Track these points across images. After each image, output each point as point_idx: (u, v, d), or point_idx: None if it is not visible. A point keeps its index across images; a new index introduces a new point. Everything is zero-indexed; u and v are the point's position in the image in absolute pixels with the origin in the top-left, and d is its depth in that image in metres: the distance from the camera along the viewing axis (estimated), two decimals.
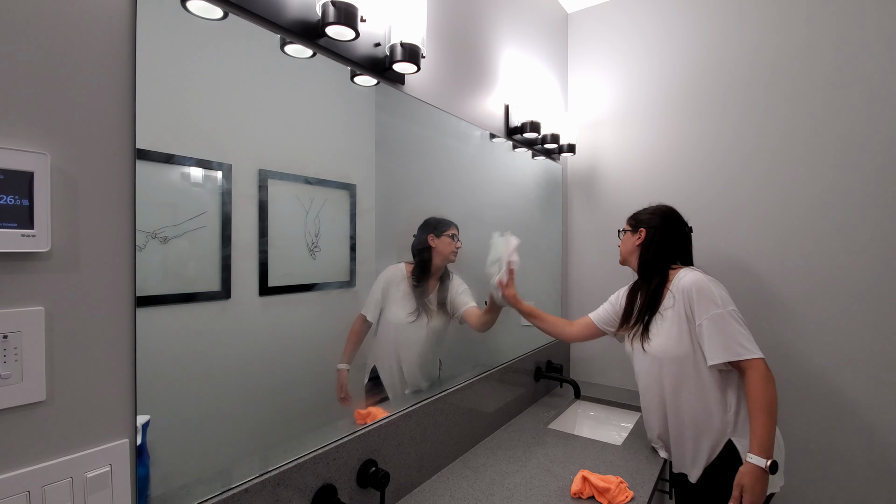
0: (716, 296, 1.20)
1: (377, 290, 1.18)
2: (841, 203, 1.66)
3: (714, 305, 1.19)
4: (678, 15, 1.98)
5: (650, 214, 1.41)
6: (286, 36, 0.93)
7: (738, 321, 1.18)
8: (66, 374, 0.62)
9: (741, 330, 1.18)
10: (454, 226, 1.40)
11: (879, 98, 1.60)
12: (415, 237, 1.32)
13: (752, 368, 1.14)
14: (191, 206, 0.77)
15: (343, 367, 1.10)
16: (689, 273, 1.28)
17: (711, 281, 1.25)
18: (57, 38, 0.61)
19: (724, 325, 1.17)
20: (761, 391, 1.12)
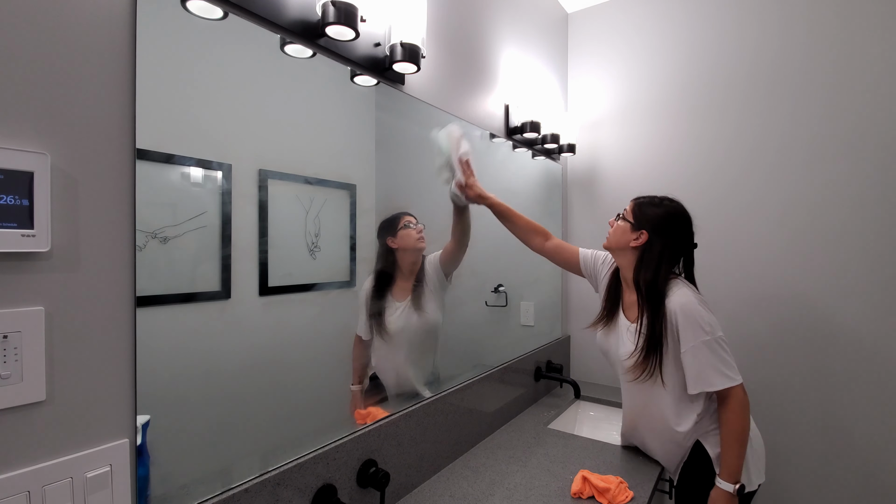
0: (704, 321, 1.14)
1: (361, 308, 1.14)
2: (843, 202, 1.66)
3: (702, 332, 1.13)
4: (678, 15, 1.98)
5: (659, 216, 1.23)
6: (286, 36, 0.93)
7: (721, 347, 1.14)
8: (66, 374, 0.62)
9: (724, 357, 1.14)
10: (404, 214, 1.25)
11: (880, 96, 1.60)
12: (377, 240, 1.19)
13: (731, 397, 1.13)
14: (191, 205, 0.77)
15: (356, 388, 1.12)
16: (678, 290, 1.19)
17: (701, 302, 1.18)
18: (57, 38, 0.61)
19: (707, 354, 1.13)
20: (737, 421, 1.12)
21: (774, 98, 1.78)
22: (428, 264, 1.34)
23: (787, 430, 1.74)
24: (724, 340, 1.16)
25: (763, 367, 1.79)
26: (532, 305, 1.96)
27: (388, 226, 1.23)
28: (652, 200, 1.28)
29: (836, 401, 1.67)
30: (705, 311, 1.17)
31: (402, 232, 1.24)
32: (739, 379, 1.14)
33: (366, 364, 1.15)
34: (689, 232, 1.26)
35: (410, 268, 1.28)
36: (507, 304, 1.80)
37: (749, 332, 1.81)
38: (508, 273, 1.80)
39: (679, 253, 1.26)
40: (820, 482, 1.69)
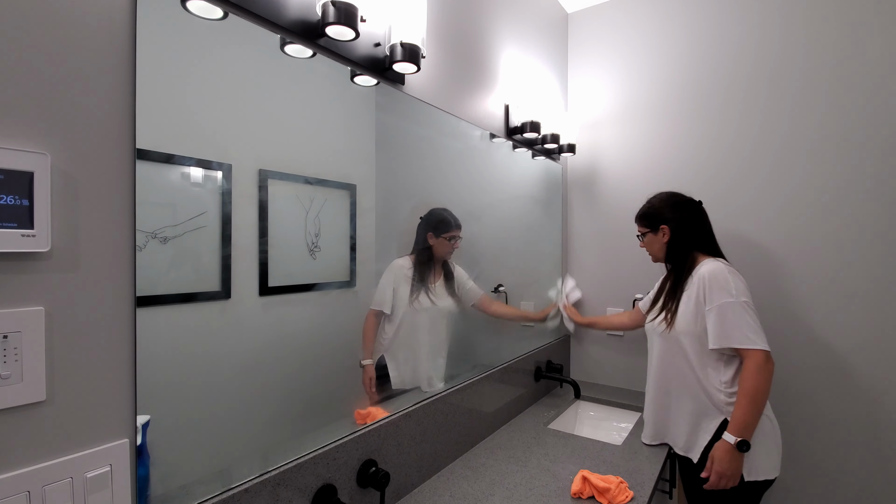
0: (730, 285, 1.24)
1: (387, 284, 1.20)
2: (843, 201, 1.66)
3: (727, 294, 1.23)
4: (678, 14, 1.98)
5: (662, 208, 1.44)
6: (286, 36, 0.93)
7: (747, 312, 1.21)
8: (66, 374, 0.62)
9: (748, 321, 1.21)
10: (455, 227, 1.41)
11: (881, 96, 1.60)
12: (419, 224, 1.32)
13: (749, 358, 1.19)
14: (191, 206, 0.77)
15: (368, 362, 1.15)
16: (710, 262, 1.33)
17: (730, 272, 1.28)
18: (57, 38, 0.61)
19: (731, 314, 1.21)
20: (751, 379, 1.17)
21: (774, 97, 1.78)
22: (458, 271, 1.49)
23: (786, 430, 1.74)
24: (749, 306, 1.22)
25: None
26: (532, 305, 1.96)
27: (437, 225, 1.36)
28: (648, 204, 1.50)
29: (836, 401, 1.67)
30: (733, 277, 1.27)
31: (443, 240, 1.38)
32: (762, 344, 1.18)
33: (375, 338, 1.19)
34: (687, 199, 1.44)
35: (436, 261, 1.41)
36: (507, 304, 1.80)
37: None
38: (508, 273, 1.80)
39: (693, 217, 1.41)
40: (821, 480, 1.69)
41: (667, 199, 1.45)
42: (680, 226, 1.40)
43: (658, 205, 1.46)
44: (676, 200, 1.44)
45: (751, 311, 1.23)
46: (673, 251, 1.42)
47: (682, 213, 1.42)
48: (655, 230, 1.44)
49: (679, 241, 1.40)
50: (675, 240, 1.41)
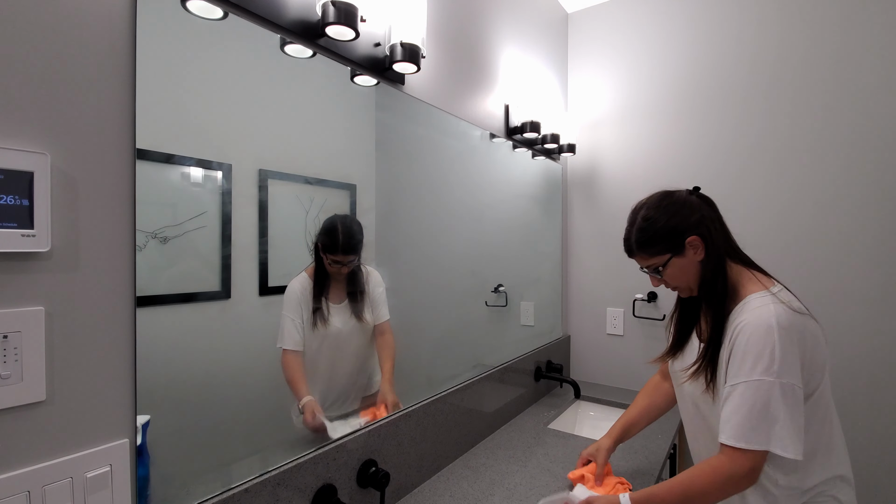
0: (774, 356, 0.82)
1: (292, 310, 0.97)
2: (844, 203, 1.66)
3: (762, 369, 0.83)
4: (678, 14, 1.98)
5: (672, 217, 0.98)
6: (286, 36, 0.93)
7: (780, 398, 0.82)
8: (66, 374, 0.62)
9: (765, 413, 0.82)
10: (341, 253, 1.06)
11: (880, 96, 1.60)
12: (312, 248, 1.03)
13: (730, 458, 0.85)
14: (191, 206, 0.77)
15: (307, 399, 0.97)
16: (763, 300, 0.89)
17: (782, 327, 0.84)
18: (57, 38, 0.61)
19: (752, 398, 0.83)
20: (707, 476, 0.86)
21: (774, 97, 1.78)
22: (374, 281, 1.17)
23: None
24: (789, 389, 0.83)
25: None
26: (532, 305, 1.96)
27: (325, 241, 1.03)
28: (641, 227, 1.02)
29: (836, 401, 1.67)
30: (783, 341, 0.83)
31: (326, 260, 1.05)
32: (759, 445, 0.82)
33: (303, 373, 0.98)
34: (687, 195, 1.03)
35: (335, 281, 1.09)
36: (507, 304, 1.80)
37: None
38: (508, 273, 1.80)
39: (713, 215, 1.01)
40: None
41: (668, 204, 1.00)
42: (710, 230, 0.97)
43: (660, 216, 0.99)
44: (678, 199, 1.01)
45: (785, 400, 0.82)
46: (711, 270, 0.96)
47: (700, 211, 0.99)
48: (680, 250, 0.97)
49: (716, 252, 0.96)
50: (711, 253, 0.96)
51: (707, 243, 0.97)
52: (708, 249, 0.97)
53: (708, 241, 0.97)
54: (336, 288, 1.08)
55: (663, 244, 0.98)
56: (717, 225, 0.99)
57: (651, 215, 1.01)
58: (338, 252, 1.05)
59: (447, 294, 1.45)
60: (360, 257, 1.12)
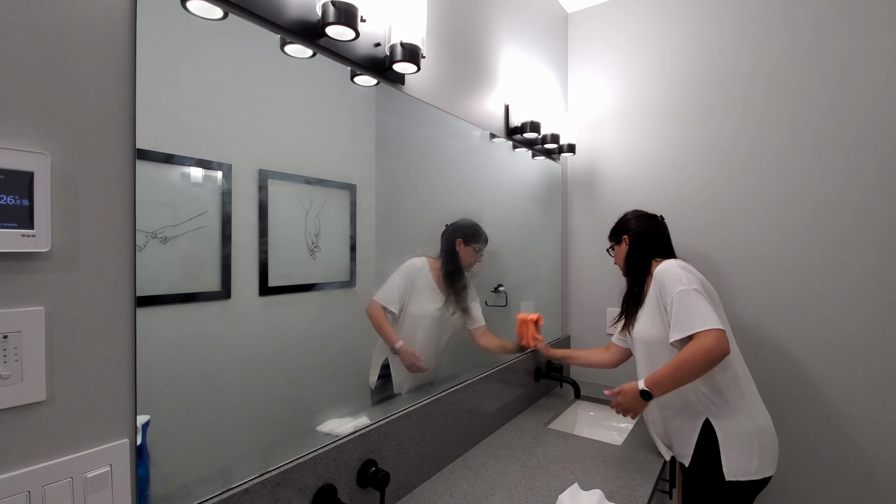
0: (682, 275, 1.25)
1: (400, 281, 1.19)
2: (842, 203, 1.66)
3: (679, 284, 1.23)
4: (678, 14, 1.98)
5: (624, 222, 1.52)
6: (286, 36, 0.93)
7: (699, 298, 1.20)
8: (66, 374, 0.62)
9: (699, 307, 1.19)
10: (484, 241, 1.46)
11: (881, 97, 1.60)
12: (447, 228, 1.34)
13: (696, 337, 1.16)
14: (191, 206, 0.77)
15: (401, 343, 1.18)
16: (664, 262, 1.34)
17: (681, 266, 1.29)
18: (57, 38, 0.61)
19: (682, 303, 1.21)
20: (686, 352, 1.16)
21: (774, 97, 1.78)
22: (472, 290, 1.51)
23: (787, 429, 1.74)
24: (699, 293, 1.21)
25: (763, 365, 1.79)
26: (532, 305, 1.96)
27: (471, 234, 1.41)
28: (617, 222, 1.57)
29: (836, 400, 1.67)
30: (684, 271, 1.28)
31: (470, 250, 1.42)
32: (709, 325, 1.15)
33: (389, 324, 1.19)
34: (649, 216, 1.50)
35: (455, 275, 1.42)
36: (507, 304, 1.80)
37: (748, 331, 1.81)
38: (508, 273, 1.80)
39: (651, 229, 1.46)
40: (820, 480, 1.69)
41: (631, 213, 1.54)
42: (636, 235, 1.46)
43: (623, 219, 1.54)
44: (638, 214, 1.52)
45: (703, 297, 1.21)
46: (633, 259, 1.45)
47: (642, 223, 1.48)
48: (619, 241, 1.51)
49: (638, 248, 1.44)
50: (634, 248, 1.45)
51: (632, 241, 1.47)
52: (632, 245, 1.47)
53: (631, 242, 1.47)
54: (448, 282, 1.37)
55: (613, 235, 1.56)
56: (649, 233, 1.46)
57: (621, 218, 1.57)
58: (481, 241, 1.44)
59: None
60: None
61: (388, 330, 1.15)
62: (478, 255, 1.41)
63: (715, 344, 1.13)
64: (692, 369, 1.15)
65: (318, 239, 1.01)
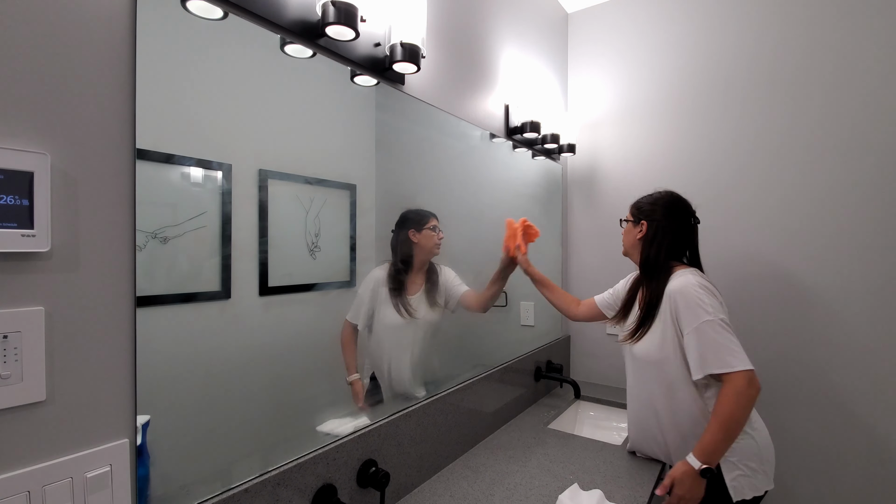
0: (704, 300, 1.14)
1: (365, 293, 1.14)
2: (841, 202, 1.66)
3: (703, 313, 1.12)
4: (678, 15, 1.98)
5: (652, 204, 1.33)
6: (286, 36, 0.93)
7: (725, 329, 1.11)
8: (66, 374, 0.62)
9: (724, 342, 1.10)
10: (434, 216, 1.34)
11: (879, 96, 1.60)
12: (393, 233, 1.23)
13: (728, 383, 1.08)
14: (191, 206, 0.77)
15: (354, 377, 1.10)
16: (682, 275, 1.21)
17: (702, 286, 1.17)
18: (57, 38, 0.61)
19: (707, 336, 1.11)
20: (728, 405, 1.07)
21: (774, 97, 1.78)
22: (445, 274, 1.42)
23: (787, 428, 1.74)
24: (726, 324, 1.12)
25: (764, 364, 1.79)
26: (532, 305, 1.96)
27: (417, 219, 1.29)
28: (645, 196, 1.38)
29: (836, 400, 1.67)
30: (706, 294, 1.16)
31: (427, 232, 1.31)
32: (742, 366, 1.07)
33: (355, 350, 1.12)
34: (683, 212, 1.32)
35: (420, 266, 1.33)
36: (507, 304, 1.80)
37: (749, 330, 1.81)
38: None
39: (678, 232, 1.30)
40: (820, 483, 1.69)
41: (662, 197, 1.34)
42: (660, 228, 1.29)
43: (652, 198, 1.35)
44: (672, 204, 1.32)
45: (728, 329, 1.12)
46: (647, 253, 1.30)
47: (673, 218, 1.30)
48: (636, 222, 1.35)
49: (654, 243, 1.28)
50: (650, 240, 1.29)
51: (648, 233, 1.31)
52: (647, 236, 1.31)
53: (651, 232, 1.31)
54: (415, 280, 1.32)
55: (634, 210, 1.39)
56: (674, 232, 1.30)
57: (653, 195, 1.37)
58: (430, 218, 1.33)
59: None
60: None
61: (348, 358, 1.10)
62: (437, 234, 1.32)
63: (751, 387, 1.06)
64: (741, 421, 1.07)
65: (318, 239, 1.01)
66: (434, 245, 1.33)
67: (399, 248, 1.25)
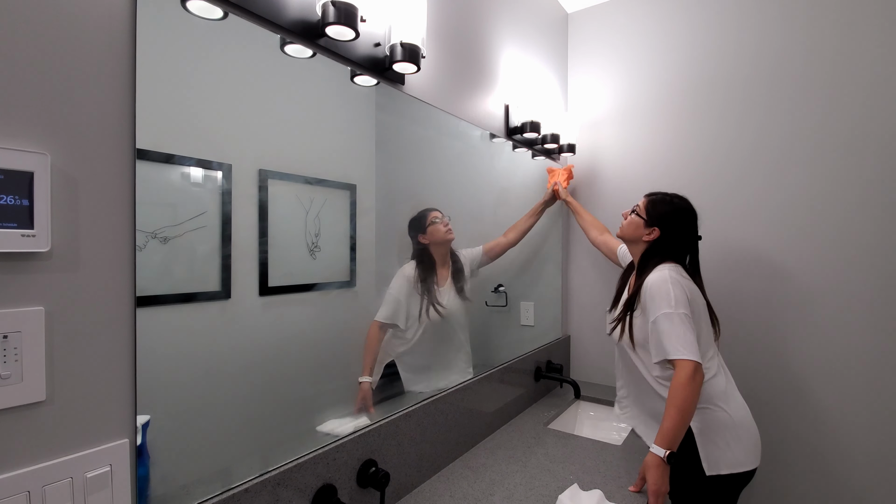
0: (671, 295, 1.20)
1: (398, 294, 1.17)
2: (843, 202, 1.66)
3: (666, 305, 1.19)
4: (678, 14, 1.98)
5: (670, 214, 1.36)
6: (286, 36, 0.93)
7: (683, 322, 1.18)
8: (66, 374, 0.62)
9: (681, 332, 1.17)
10: (431, 210, 1.36)
11: (881, 95, 1.60)
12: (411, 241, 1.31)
13: (679, 368, 1.15)
14: (191, 206, 0.77)
15: (366, 380, 1.12)
16: (660, 269, 1.28)
17: (673, 280, 1.24)
18: (57, 38, 0.61)
19: (666, 326, 1.18)
20: (678, 389, 1.13)
21: (775, 97, 1.77)
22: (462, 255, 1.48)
23: (787, 428, 1.74)
24: (686, 317, 1.19)
25: (764, 364, 1.79)
26: (532, 305, 1.96)
27: (417, 224, 1.32)
28: (663, 198, 1.39)
29: (835, 399, 1.67)
30: (675, 287, 1.22)
31: (431, 228, 1.34)
32: (690, 355, 1.14)
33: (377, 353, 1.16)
34: (693, 226, 1.38)
35: (443, 258, 1.38)
36: (507, 304, 1.80)
37: (749, 330, 1.81)
38: (508, 273, 1.80)
39: (685, 245, 1.37)
40: (809, 476, 1.69)
41: (680, 208, 1.38)
42: (671, 239, 1.34)
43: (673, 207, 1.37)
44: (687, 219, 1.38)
45: (687, 322, 1.18)
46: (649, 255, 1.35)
47: (681, 231, 1.36)
48: (649, 223, 1.36)
49: (660, 250, 1.34)
50: (657, 246, 1.35)
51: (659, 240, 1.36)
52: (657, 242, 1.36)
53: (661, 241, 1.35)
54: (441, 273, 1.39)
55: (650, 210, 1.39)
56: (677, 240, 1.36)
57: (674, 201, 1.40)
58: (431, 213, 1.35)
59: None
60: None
61: (369, 359, 1.13)
62: (443, 222, 1.36)
63: (696, 375, 1.14)
64: (693, 406, 1.14)
65: (318, 239, 1.01)
66: (444, 234, 1.37)
67: (419, 255, 1.32)
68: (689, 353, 1.15)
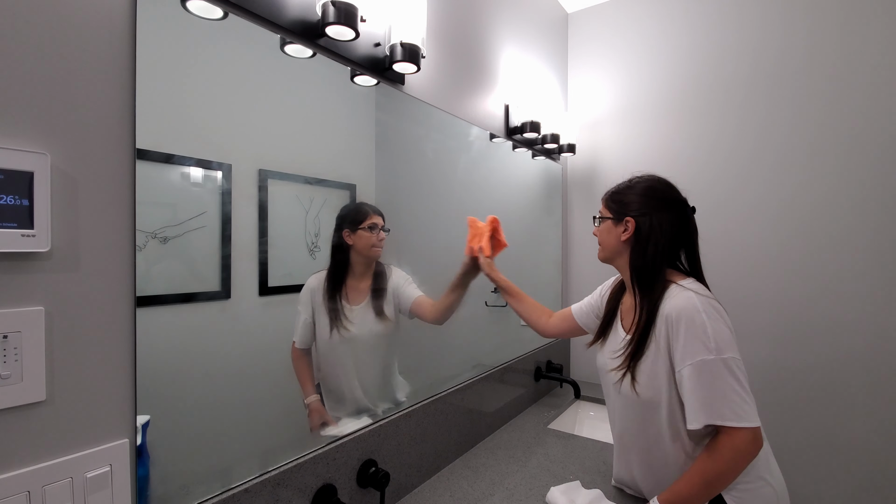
0: (708, 335, 0.89)
1: (303, 308, 1.00)
2: (844, 203, 1.66)
3: (704, 349, 0.88)
4: (678, 14, 1.98)
5: (638, 196, 1.04)
6: (286, 36, 0.93)
7: (733, 373, 0.88)
8: (66, 374, 0.62)
9: (734, 387, 0.88)
10: (375, 213, 1.12)
11: (882, 96, 1.60)
12: (333, 233, 1.06)
13: (728, 436, 0.87)
14: (191, 206, 0.77)
15: (312, 399, 1.01)
16: (682, 292, 0.95)
17: (706, 309, 0.91)
18: (57, 39, 0.61)
19: (708, 379, 0.88)
20: (721, 462, 0.87)
21: (775, 97, 1.77)
22: (395, 277, 1.22)
23: (787, 428, 1.74)
24: (737, 364, 0.90)
25: (764, 365, 1.79)
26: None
27: (352, 217, 1.08)
28: (619, 187, 1.11)
29: (837, 399, 1.67)
30: (711, 318, 0.91)
31: (362, 233, 1.10)
32: (748, 422, 0.87)
33: (310, 370, 1.02)
34: (675, 201, 1.04)
35: (363, 270, 1.14)
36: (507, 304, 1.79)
37: (749, 331, 1.81)
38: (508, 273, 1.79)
39: (673, 228, 1.02)
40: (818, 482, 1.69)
41: (648, 188, 1.05)
42: (652, 225, 1.00)
43: (636, 188, 1.06)
44: (663, 194, 1.04)
45: (738, 372, 0.89)
46: (637, 260, 1.02)
47: (663, 211, 1.01)
48: (619, 219, 1.05)
49: (647, 245, 1.00)
50: (640, 242, 1.01)
51: (637, 233, 1.02)
52: (636, 237, 1.03)
53: (640, 232, 1.02)
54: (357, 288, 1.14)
55: (613, 206, 1.09)
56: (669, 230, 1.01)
57: (633, 184, 1.09)
58: (370, 215, 1.12)
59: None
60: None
61: (303, 380, 0.99)
62: (375, 234, 1.10)
63: (753, 449, 0.87)
64: (728, 481, 0.89)
65: (318, 239, 1.01)
66: (370, 247, 1.11)
67: (335, 255, 1.05)
68: (749, 418, 0.87)
